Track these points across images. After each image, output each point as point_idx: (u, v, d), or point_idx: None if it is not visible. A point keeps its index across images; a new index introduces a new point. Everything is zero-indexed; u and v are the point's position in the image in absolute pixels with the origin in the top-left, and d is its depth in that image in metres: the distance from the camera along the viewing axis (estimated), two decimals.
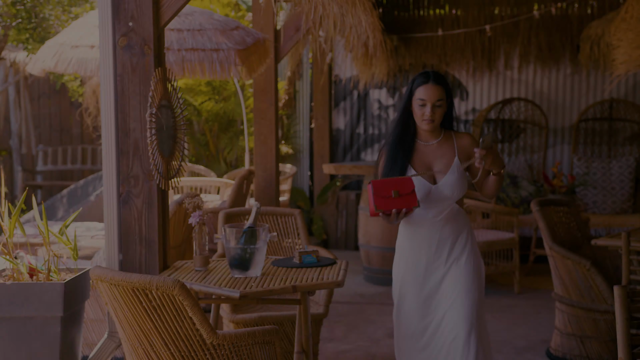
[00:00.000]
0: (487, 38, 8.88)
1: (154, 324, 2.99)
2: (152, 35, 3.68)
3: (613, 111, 8.74)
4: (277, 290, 3.40)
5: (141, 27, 3.69)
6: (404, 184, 3.36)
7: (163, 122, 3.73)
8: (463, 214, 3.58)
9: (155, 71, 3.66)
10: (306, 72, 9.82)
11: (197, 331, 2.95)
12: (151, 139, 3.62)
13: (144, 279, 2.90)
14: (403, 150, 3.50)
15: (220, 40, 5.41)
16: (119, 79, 3.71)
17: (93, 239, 5.76)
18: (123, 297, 3.01)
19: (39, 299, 3.48)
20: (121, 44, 3.70)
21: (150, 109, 3.61)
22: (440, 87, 3.43)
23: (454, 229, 3.52)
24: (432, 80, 3.41)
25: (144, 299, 2.96)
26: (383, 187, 3.34)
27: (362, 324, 5.88)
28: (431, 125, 3.46)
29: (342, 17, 4.52)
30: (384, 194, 3.33)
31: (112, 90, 3.71)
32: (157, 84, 3.65)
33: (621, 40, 6.21)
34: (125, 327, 3.12)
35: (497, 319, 5.99)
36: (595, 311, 4.66)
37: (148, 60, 3.69)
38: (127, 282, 2.93)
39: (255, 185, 6.45)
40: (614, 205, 8.27)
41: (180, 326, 2.96)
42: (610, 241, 4.53)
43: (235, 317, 4.20)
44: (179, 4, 3.72)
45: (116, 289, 3.01)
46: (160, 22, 3.73)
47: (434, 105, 3.43)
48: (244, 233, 3.61)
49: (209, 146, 9.64)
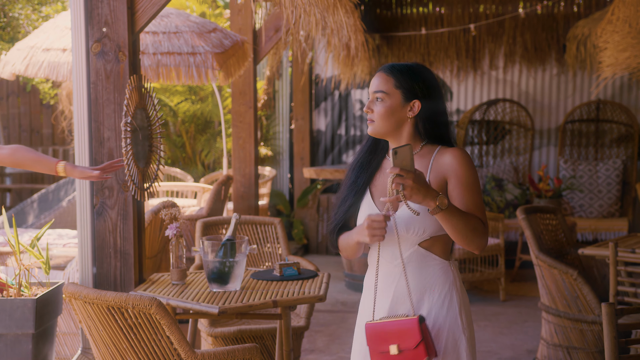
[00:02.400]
0: (471, 37, 8.93)
1: (130, 343, 2.98)
2: (127, 41, 3.67)
3: (600, 112, 8.82)
4: (258, 306, 3.41)
5: (115, 32, 3.67)
6: (407, 334, 2.48)
7: (139, 130, 3.72)
8: (439, 266, 2.58)
9: (130, 78, 3.65)
10: (286, 71, 9.82)
11: (175, 350, 2.95)
12: (126, 148, 3.61)
13: (119, 297, 2.89)
14: (368, 167, 2.67)
15: (197, 43, 5.40)
16: (93, 86, 3.69)
17: (65, 247, 5.72)
18: (98, 316, 3.00)
19: (10, 316, 3.45)
20: (95, 50, 3.68)
21: (125, 118, 3.60)
22: (387, 77, 2.59)
23: (419, 284, 2.56)
24: (383, 69, 2.62)
25: (120, 318, 2.95)
26: (379, 337, 2.51)
27: (345, 334, 5.89)
28: (372, 126, 2.60)
29: (323, 20, 4.52)
30: (380, 349, 2.50)
31: (86, 98, 3.69)
32: (132, 92, 3.64)
33: (607, 43, 6.25)
34: (100, 346, 3.11)
35: (482, 328, 6.02)
36: (582, 322, 4.70)
37: (123, 67, 3.68)
38: (102, 300, 2.92)
39: (234, 191, 6.44)
40: (600, 208, 8.34)
41: (157, 345, 2.95)
42: (597, 251, 4.57)
43: (213, 330, 4.19)
44: (155, 9, 3.71)
45: (90, 306, 2.99)
46: (135, 28, 3.72)
47: (373, 98, 2.60)
48: (222, 246, 3.61)
49: (186, 148, 9.62)
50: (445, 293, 2.57)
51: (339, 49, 6.21)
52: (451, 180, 2.54)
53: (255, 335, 4.22)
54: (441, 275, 2.58)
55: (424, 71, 2.63)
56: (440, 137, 2.62)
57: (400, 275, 2.57)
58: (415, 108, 2.59)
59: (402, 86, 2.58)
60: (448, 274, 2.58)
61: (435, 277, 2.57)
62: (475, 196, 2.54)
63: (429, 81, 2.61)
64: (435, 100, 2.62)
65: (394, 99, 2.58)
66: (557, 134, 9.02)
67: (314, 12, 4.24)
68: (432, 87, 2.61)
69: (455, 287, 2.59)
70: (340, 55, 6.28)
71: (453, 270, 2.61)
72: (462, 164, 2.55)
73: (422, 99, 2.59)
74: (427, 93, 2.60)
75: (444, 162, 2.56)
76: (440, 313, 2.56)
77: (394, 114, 2.58)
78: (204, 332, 4.27)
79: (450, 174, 2.54)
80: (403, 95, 2.58)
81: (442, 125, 2.63)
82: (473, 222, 2.47)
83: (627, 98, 8.90)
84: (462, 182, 2.54)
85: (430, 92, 2.60)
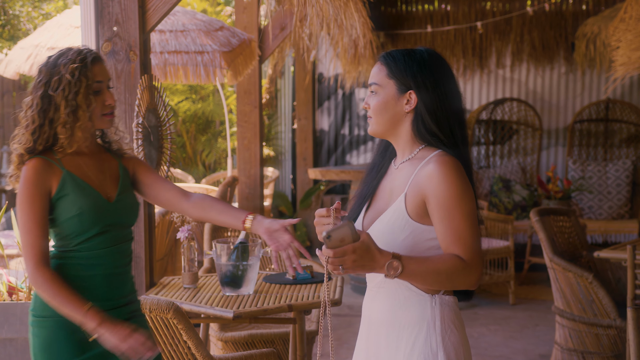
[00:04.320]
0: (478, 35, 8.96)
1: None
2: (138, 40, 3.68)
3: (609, 112, 8.86)
4: (273, 310, 3.43)
5: (126, 31, 3.69)
6: None
7: (150, 132, 3.74)
8: (415, 299, 2.19)
9: (141, 78, 3.67)
10: (288, 70, 9.83)
11: (193, 356, 2.97)
12: (138, 150, 3.63)
13: None
14: (379, 171, 2.36)
15: (204, 42, 5.42)
16: None
17: None
18: None
19: (20, 320, 3.47)
20: (105, 50, 3.70)
21: (137, 119, 3.62)
22: (380, 66, 2.24)
23: (388, 316, 2.22)
24: (379, 57, 2.28)
25: None
26: None
27: (352, 339, 5.91)
28: (370, 124, 2.28)
29: (335, 18, 4.54)
30: None
31: None
32: (143, 92, 3.66)
33: (620, 41, 6.28)
34: None
35: (493, 332, 6.05)
36: (597, 326, 4.73)
37: (134, 67, 3.69)
38: None
39: (239, 192, 6.46)
40: (610, 210, 8.38)
41: (175, 350, 2.97)
42: (613, 253, 4.60)
43: (224, 335, 4.21)
44: (167, 7, 3.73)
45: None
46: (146, 27, 3.74)
47: (369, 92, 2.27)
48: (235, 249, 3.63)
49: (186, 148, 9.63)
50: (416, 334, 2.17)
51: (346, 47, 6.23)
52: (429, 202, 2.11)
53: (266, 339, 4.24)
54: (414, 312, 2.18)
55: (427, 56, 2.22)
56: (440, 139, 2.19)
57: (373, 300, 2.27)
58: (412, 101, 2.19)
59: (395, 75, 2.20)
60: (425, 311, 2.17)
61: (406, 311, 2.19)
62: (457, 222, 2.09)
63: (431, 67, 2.19)
64: (438, 91, 2.18)
65: (387, 91, 2.21)
66: (565, 134, 9.05)
67: (327, 9, 4.26)
68: (433, 75, 2.19)
69: (435, 330, 2.16)
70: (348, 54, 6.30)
71: (436, 307, 2.17)
72: (441, 180, 2.09)
73: (417, 89, 2.18)
74: (426, 82, 2.18)
75: (423, 175, 2.13)
76: (411, 358, 2.17)
77: (388, 108, 2.21)
78: (214, 336, 4.28)
79: (428, 193, 2.11)
80: (397, 86, 2.20)
81: (444, 124, 2.18)
82: (446, 266, 2.05)
83: (637, 97, 8.94)
84: (440, 205, 2.09)
85: (430, 80, 2.18)
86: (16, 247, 5.64)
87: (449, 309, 2.18)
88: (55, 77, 2.51)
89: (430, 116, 2.17)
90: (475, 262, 2.09)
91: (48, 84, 2.52)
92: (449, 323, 2.17)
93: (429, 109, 2.17)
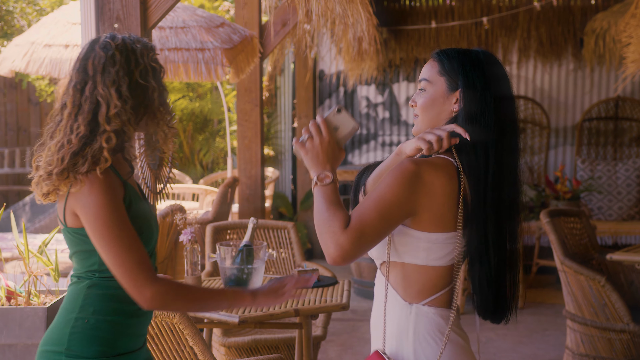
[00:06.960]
0: (484, 31, 8.97)
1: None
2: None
3: (619, 110, 8.88)
4: (279, 315, 3.45)
5: (127, 29, 3.70)
6: None
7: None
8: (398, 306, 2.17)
9: None
10: (288, 67, 9.84)
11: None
12: (139, 151, 3.63)
13: None
14: None
15: (205, 38, 5.43)
16: None
17: (64, 253, 5.75)
18: None
19: (19, 325, 3.48)
20: None
21: None
22: (433, 62, 2.24)
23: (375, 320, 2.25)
24: (432, 54, 2.26)
25: None
26: None
27: (357, 344, 5.93)
28: (415, 122, 2.26)
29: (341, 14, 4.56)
30: None
31: None
32: None
33: (631, 37, 6.31)
34: None
35: (502, 337, 6.07)
36: (610, 330, 4.75)
37: None
38: None
39: (239, 193, 6.47)
40: (620, 211, 8.40)
41: (180, 356, 2.99)
42: (627, 256, 4.63)
43: (227, 340, 4.23)
44: (169, 4, 3.74)
45: None
46: (148, 24, 3.75)
47: (418, 90, 2.26)
48: (239, 252, 3.65)
49: (183, 147, 9.65)
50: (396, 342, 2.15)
51: (350, 44, 6.25)
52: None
53: (270, 345, 4.26)
54: (396, 318, 2.15)
55: (482, 56, 2.19)
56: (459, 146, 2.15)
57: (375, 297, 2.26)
58: (461, 100, 2.15)
59: (447, 72, 2.18)
60: (406, 320, 2.14)
61: (393, 315, 2.16)
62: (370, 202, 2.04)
63: (482, 68, 2.15)
64: (486, 94, 2.14)
65: (437, 88, 2.19)
66: (574, 133, 9.07)
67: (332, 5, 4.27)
68: (484, 76, 2.15)
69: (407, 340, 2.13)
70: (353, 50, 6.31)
71: (410, 317, 2.14)
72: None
73: (465, 88, 2.14)
74: (476, 82, 2.14)
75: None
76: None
77: (435, 105, 2.19)
78: (217, 342, 4.30)
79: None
80: (447, 83, 2.18)
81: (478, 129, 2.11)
82: (337, 215, 2.00)
83: None
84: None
85: (477, 81, 2.14)
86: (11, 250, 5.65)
87: (428, 320, 2.13)
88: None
89: (471, 119, 2.14)
90: (351, 240, 2.02)
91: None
92: (425, 335, 2.12)
93: (471, 111, 2.14)
